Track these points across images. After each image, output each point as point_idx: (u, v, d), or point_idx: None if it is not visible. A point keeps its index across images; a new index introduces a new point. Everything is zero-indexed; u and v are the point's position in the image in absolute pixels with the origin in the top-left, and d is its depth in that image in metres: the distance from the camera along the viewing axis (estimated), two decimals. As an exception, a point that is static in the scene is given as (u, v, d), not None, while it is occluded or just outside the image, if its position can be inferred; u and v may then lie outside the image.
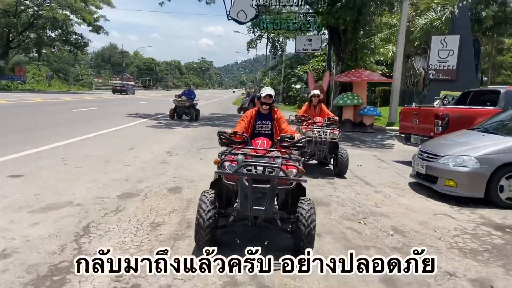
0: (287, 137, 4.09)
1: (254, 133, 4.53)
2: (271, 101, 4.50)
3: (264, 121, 4.57)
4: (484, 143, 6.00)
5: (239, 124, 4.47)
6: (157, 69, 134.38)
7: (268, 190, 3.25)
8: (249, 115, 4.57)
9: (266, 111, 4.56)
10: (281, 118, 4.60)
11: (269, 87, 4.71)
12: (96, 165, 6.92)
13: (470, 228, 4.71)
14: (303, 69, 38.06)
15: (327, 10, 17.67)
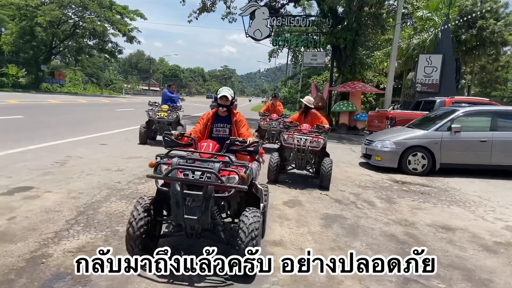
0: (237, 140, 3.66)
1: (211, 137, 4.09)
2: (228, 103, 4.10)
3: (221, 124, 4.14)
4: (402, 133, 9.15)
5: (196, 126, 4.14)
6: (182, 75, 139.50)
7: (202, 198, 2.94)
8: (205, 117, 4.15)
9: (224, 113, 4.14)
10: (241, 121, 4.16)
11: (226, 87, 4.24)
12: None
13: (376, 180, 7.87)
14: (316, 79, 41.21)
15: (330, 31, 20.89)
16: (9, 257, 3.18)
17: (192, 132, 4.02)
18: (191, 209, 3.00)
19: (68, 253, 3.36)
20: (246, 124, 4.21)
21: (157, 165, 3.18)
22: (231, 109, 4.20)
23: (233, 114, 4.20)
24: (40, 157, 7.19)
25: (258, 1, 23.22)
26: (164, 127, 10.06)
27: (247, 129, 4.16)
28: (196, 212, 2.98)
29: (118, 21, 45.59)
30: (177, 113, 10.23)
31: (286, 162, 7.11)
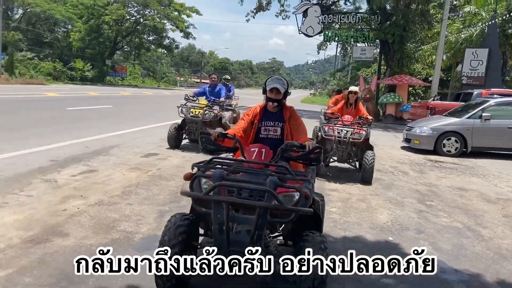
0: (294, 145, 2.89)
1: (259, 138, 3.31)
2: (280, 97, 3.27)
3: (271, 122, 3.33)
4: (439, 121, 10.64)
5: (238, 123, 3.35)
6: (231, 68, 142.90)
7: (254, 223, 2.27)
8: (251, 113, 3.36)
9: (275, 108, 3.32)
10: (296, 119, 3.37)
11: (277, 76, 3.37)
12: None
13: (413, 158, 9.50)
14: (365, 72, 42.06)
15: (378, 27, 22.12)
16: (171, 187, 5.30)
17: (234, 131, 3.15)
18: (239, 237, 2.36)
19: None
20: (302, 123, 3.38)
21: (195, 178, 2.48)
22: (284, 104, 3.35)
23: (286, 109, 3.33)
24: (147, 135, 9.46)
25: (310, 0, 24.84)
26: (198, 128, 7.88)
27: (303, 129, 3.34)
28: (245, 241, 2.30)
29: (176, 17, 48.69)
30: (219, 111, 8.15)
31: (327, 154, 6.69)
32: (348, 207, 5.09)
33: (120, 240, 3.43)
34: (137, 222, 3.89)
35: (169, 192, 5.05)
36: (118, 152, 7.17)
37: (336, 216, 4.64)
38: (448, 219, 4.94)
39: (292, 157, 2.90)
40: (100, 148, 7.31)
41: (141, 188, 5.07)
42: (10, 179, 4.83)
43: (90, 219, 3.83)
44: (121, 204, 4.37)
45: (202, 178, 2.53)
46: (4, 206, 3.95)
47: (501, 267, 3.63)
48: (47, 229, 3.48)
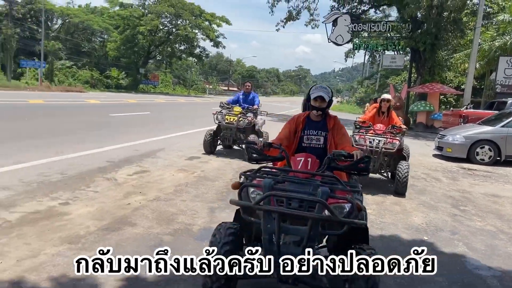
0: (342, 154, 2.85)
1: (301, 147, 3.26)
2: (324, 105, 3.21)
3: (314, 131, 3.27)
4: (472, 129, 10.69)
5: (281, 132, 3.34)
6: (258, 76, 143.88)
7: (305, 235, 2.21)
8: (294, 122, 3.33)
9: (319, 117, 3.28)
10: (340, 128, 3.31)
11: (321, 85, 3.38)
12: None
13: (445, 166, 9.61)
14: (395, 79, 41.73)
15: (409, 35, 22.13)
16: (217, 187, 5.74)
17: (277, 140, 3.17)
18: (289, 248, 2.27)
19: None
20: (346, 133, 3.36)
21: (243, 187, 2.50)
22: (327, 113, 3.33)
23: (330, 118, 3.31)
24: (187, 140, 9.98)
25: (340, 9, 25.13)
26: (233, 135, 8.33)
27: (347, 138, 3.32)
28: (297, 252, 2.21)
29: (206, 27, 49.91)
30: (252, 118, 8.46)
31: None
32: (383, 209, 5.37)
33: (181, 230, 3.87)
34: (192, 216, 4.33)
35: (215, 191, 5.49)
36: (164, 155, 7.70)
37: (372, 217, 4.94)
38: (481, 223, 5.14)
39: (339, 166, 2.88)
40: (147, 151, 7.86)
41: (190, 187, 5.52)
42: (75, 177, 5.39)
43: (151, 212, 4.30)
44: (176, 200, 4.83)
45: (250, 187, 2.52)
46: (76, 200, 4.47)
47: (533, 266, 3.85)
48: (117, 220, 3.96)
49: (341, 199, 2.41)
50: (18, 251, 3.07)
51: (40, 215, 3.86)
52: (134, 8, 49.57)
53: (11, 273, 2.74)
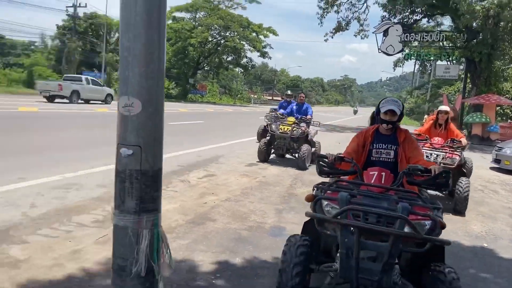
0: (419, 169, 2.79)
1: (370, 161, 3.22)
2: (395, 119, 3.16)
3: (384, 145, 3.22)
4: (532, 142, 10.44)
5: (349, 146, 3.33)
6: (302, 86, 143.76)
7: (385, 251, 2.14)
8: (362, 135, 3.31)
9: (389, 131, 3.22)
10: (412, 142, 3.25)
11: (392, 98, 3.32)
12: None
13: (503, 179, 9.49)
14: (448, 90, 40.48)
15: (464, 45, 21.64)
16: (279, 192, 6.16)
17: (345, 154, 3.14)
18: (367, 265, 2.21)
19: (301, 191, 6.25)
20: (419, 147, 3.38)
21: (317, 200, 2.50)
22: (398, 126, 3.27)
23: (400, 132, 3.25)
24: (243, 148, 10.50)
25: (391, 19, 25.02)
26: (287, 144, 8.69)
27: (420, 152, 3.29)
28: (375, 270, 2.17)
29: (254, 38, 51.02)
30: (306, 128, 8.74)
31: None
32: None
33: (255, 227, 4.33)
34: (262, 215, 4.79)
35: (277, 195, 5.92)
36: (225, 161, 8.26)
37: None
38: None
39: (417, 181, 2.78)
40: (210, 157, 8.46)
41: (255, 190, 6.00)
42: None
43: (226, 210, 4.80)
44: (244, 201, 5.31)
45: (324, 200, 2.50)
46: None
47: None
48: (199, 215, 4.50)
49: (422, 215, 2.31)
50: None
51: (135, 209, 4.47)
52: (185, 22, 51.67)
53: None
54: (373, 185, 2.66)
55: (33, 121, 12.39)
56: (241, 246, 3.73)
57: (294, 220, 4.69)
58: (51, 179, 5.39)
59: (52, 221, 3.87)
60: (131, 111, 1.49)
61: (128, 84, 1.49)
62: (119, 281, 1.59)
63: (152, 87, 1.53)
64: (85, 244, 3.43)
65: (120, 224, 1.57)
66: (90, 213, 4.22)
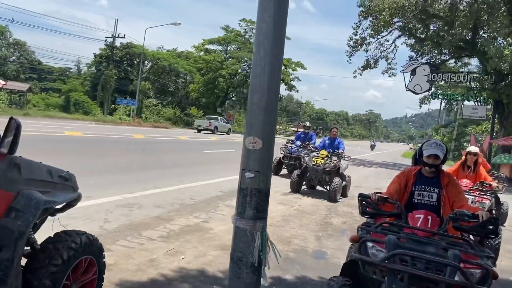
0: (466, 215, 2.69)
1: (411, 203, 3.17)
2: (438, 162, 3.12)
3: (427, 187, 3.16)
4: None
5: (390, 186, 3.29)
6: (327, 119, 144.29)
7: None
8: (405, 176, 3.26)
9: (431, 174, 3.18)
10: (456, 186, 3.20)
11: (435, 140, 3.30)
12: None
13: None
14: (475, 129, 40.21)
15: (492, 87, 21.88)
16: (316, 220, 6.61)
17: (387, 195, 3.07)
18: None
19: (336, 220, 6.68)
20: (463, 191, 3.28)
21: (363, 242, 2.46)
22: (441, 169, 3.23)
23: (444, 175, 3.20)
24: (275, 178, 11.01)
25: (419, 59, 25.59)
26: (319, 176, 9.09)
27: (464, 197, 3.23)
28: None
29: (282, 71, 52.34)
30: (338, 162, 9.13)
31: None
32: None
33: (299, 250, 4.81)
34: (304, 240, 5.27)
35: (315, 223, 6.40)
36: (262, 190, 8.80)
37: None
38: None
39: (464, 227, 2.71)
40: (247, 185, 9.02)
41: (294, 218, 6.49)
42: (202, 203, 6.64)
43: (271, 234, 5.26)
44: (286, 227, 5.81)
45: (369, 242, 2.45)
46: (211, 219, 5.65)
47: None
48: (248, 237, 5.02)
49: (473, 264, 2.24)
50: (193, 250, 4.22)
51: (192, 228, 5.05)
52: (217, 54, 53.72)
53: (193, 265, 3.86)
54: (419, 228, 2.60)
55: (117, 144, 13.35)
56: (290, 265, 4.21)
57: (333, 246, 5.16)
58: (113, 199, 6.05)
59: (126, 235, 4.47)
60: (255, 147, 2.08)
61: (253, 127, 2.09)
62: (237, 268, 2.13)
63: (269, 131, 2.12)
64: (158, 255, 4.00)
65: (241, 226, 2.14)
66: (155, 230, 4.81)
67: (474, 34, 22.97)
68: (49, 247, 2.18)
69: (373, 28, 25.58)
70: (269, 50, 2.06)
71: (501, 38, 21.61)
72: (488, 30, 22.27)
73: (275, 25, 2.02)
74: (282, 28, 2.08)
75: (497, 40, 22.11)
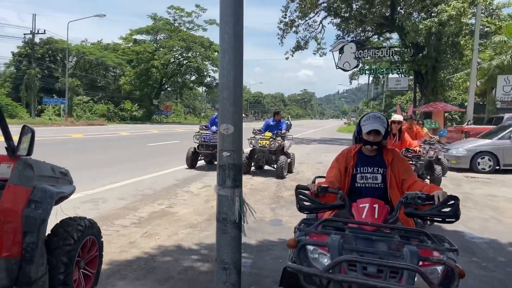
0: (419, 197, 2.28)
1: (354, 188, 2.75)
2: (380, 139, 2.71)
3: (370, 168, 2.74)
4: (473, 142, 12.24)
5: (329, 172, 2.81)
6: (264, 101, 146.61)
7: None
8: (344, 158, 2.81)
9: (373, 152, 2.76)
10: (402, 161, 2.79)
11: (374, 113, 2.86)
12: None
13: (450, 176, 11.07)
14: (400, 99, 43.53)
15: (412, 59, 23.96)
16: (268, 195, 7.27)
17: (327, 183, 2.60)
18: None
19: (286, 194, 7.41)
20: (410, 166, 2.90)
21: (302, 246, 2.03)
22: (384, 146, 2.84)
23: (387, 152, 2.81)
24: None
25: (345, 37, 27.16)
26: (266, 156, 9.81)
27: (413, 173, 2.85)
28: None
29: (216, 58, 52.49)
30: (282, 141, 9.80)
31: None
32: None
33: (258, 221, 5.41)
34: (260, 212, 5.88)
35: (268, 198, 7.08)
36: (214, 174, 9.29)
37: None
38: (478, 213, 6.64)
39: (418, 213, 2.30)
40: (200, 172, 9.48)
41: (249, 195, 7.08)
42: (162, 191, 7.03)
43: (232, 211, 5.88)
44: (243, 204, 6.40)
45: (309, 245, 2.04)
46: (174, 205, 6.09)
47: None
48: (212, 215, 5.48)
49: (435, 261, 1.88)
50: (165, 231, 4.68)
51: (159, 214, 5.47)
52: (147, 44, 52.39)
53: (169, 243, 4.33)
54: (366, 223, 2.19)
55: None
56: (253, 234, 4.81)
57: (286, 214, 5.85)
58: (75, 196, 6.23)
59: (100, 225, 4.66)
60: (228, 132, 2.59)
61: (225, 117, 2.61)
62: (223, 226, 2.66)
63: (238, 118, 2.65)
64: (135, 238, 4.40)
65: (223, 194, 2.65)
66: (125, 218, 5.17)
67: (392, 10, 24.77)
68: (60, 231, 2.56)
69: (300, 10, 26.62)
70: (232, 56, 2.59)
71: (416, 13, 23.66)
72: (404, 6, 24.19)
73: (235, 35, 2.54)
74: (241, 37, 2.62)
75: (413, 15, 24.17)
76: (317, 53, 29.46)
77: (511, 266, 4.25)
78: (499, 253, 4.70)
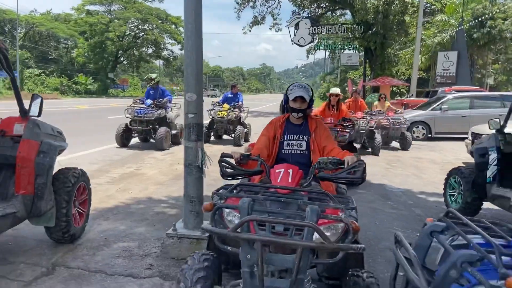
0: (330, 162, 2.54)
1: (281, 155, 2.93)
2: (305, 106, 2.89)
3: (295, 136, 2.94)
4: (410, 113, 13.66)
5: (259, 140, 3.02)
6: (223, 75, 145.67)
7: (293, 265, 1.83)
8: (272, 127, 3.00)
9: (299, 120, 2.97)
10: (324, 129, 2.99)
11: (300, 83, 3.00)
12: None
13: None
14: (353, 74, 45.36)
15: (362, 36, 25.26)
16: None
17: (256, 151, 2.85)
18: (276, 282, 1.89)
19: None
20: (331, 135, 3.07)
21: (216, 209, 2.06)
22: (309, 114, 3.07)
23: (311, 120, 3.02)
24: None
25: (301, 13, 27.98)
26: (224, 126, 10.76)
27: (333, 141, 3.03)
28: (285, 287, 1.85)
29: (174, 31, 51.78)
30: (238, 112, 10.63)
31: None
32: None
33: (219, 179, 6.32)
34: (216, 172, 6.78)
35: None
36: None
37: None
38: (402, 170, 7.90)
39: (328, 176, 2.49)
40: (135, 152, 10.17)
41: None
42: (130, 157, 7.74)
43: (193, 172, 6.72)
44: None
45: (224, 208, 2.15)
46: (142, 167, 6.85)
47: (426, 188, 6.56)
48: (176, 176, 6.36)
49: (333, 218, 2.01)
50: (136, 187, 5.47)
51: (129, 174, 6.23)
52: (101, 15, 50.61)
53: (141, 195, 5.14)
54: (280, 187, 2.30)
55: None
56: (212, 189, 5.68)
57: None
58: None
59: None
60: (192, 98, 3.41)
61: (190, 87, 3.42)
62: (189, 170, 3.51)
63: (199, 88, 3.46)
64: (111, 192, 5.18)
65: (189, 146, 3.49)
66: (100, 178, 5.90)
67: (345, -12, 25.80)
68: (61, 177, 3.32)
69: (257, -16, 27.04)
70: (194, 41, 3.37)
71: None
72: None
73: (196, 25, 3.32)
74: (200, 26, 3.40)
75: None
76: (273, 28, 30.16)
77: (415, 207, 5.44)
78: (410, 198, 5.91)
